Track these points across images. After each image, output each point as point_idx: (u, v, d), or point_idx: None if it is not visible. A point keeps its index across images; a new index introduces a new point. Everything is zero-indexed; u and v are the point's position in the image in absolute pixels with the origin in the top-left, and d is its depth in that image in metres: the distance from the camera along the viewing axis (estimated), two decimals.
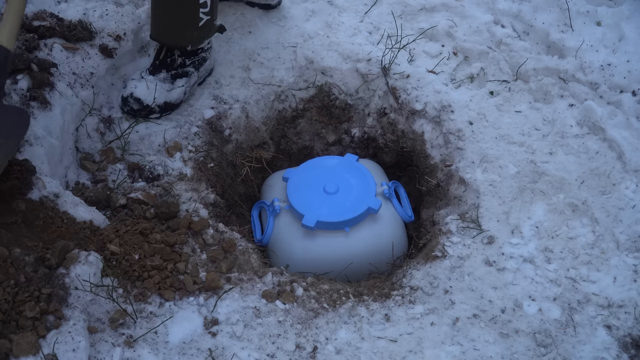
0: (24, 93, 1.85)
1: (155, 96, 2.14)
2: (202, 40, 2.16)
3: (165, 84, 2.16)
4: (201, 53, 2.21)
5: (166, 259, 1.78)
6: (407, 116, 2.35)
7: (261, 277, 1.84)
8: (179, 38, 2.12)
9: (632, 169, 2.06)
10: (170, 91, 2.17)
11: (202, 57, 2.22)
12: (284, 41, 2.50)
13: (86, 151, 2.07)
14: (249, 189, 2.40)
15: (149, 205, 1.92)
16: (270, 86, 2.40)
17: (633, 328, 1.73)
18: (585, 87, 2.28)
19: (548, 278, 1.84)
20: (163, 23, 2.09)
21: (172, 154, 2.13)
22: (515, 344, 1.71)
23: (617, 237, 1.92)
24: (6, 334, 1.43)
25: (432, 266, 1.89)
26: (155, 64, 2.19)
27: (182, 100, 2.23)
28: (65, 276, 1.57)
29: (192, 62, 2.19)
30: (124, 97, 2.16)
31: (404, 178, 2.47)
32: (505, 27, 2.54)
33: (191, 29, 2.09)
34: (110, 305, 1.64)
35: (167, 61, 2.16)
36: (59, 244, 1.61)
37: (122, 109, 2.18)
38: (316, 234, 2.07)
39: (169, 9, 2.05)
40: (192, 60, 2.19)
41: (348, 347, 1.68)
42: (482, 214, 2.00)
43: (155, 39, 2.14)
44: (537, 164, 2.11)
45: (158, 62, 2.18)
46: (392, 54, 2.42)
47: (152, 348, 1.60)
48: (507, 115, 2.26)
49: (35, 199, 1.70)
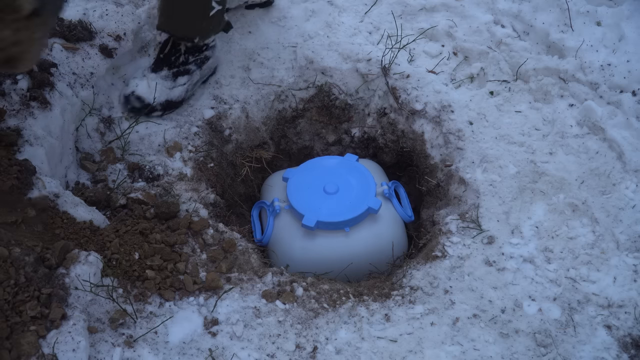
0: (24, 93, 1.85)
1: (156, 95, 2.13)
2: (209, 33, 2.14)
3: (167, 81, 2.15)
4: (205, 51, 2.20)
5: (166, 259, 1.78)
6: (407, 116, 2.35)
7: (261, 277, 1.84)
8: (188, 28, 2.09)
9: (632, 169, 2.06)
10: (172, 89, 2.16)
11: (206, 55, 2.21)
12: (284, 41, 2.50)
13: (86, 151, 2.07)
14: (249, 189, 2.40)
15: (149, 205, 1.92)
16: (270, 86, 2.40)
17: (633, 328, 1.73)
18: (585, 87, 2.28)
19: (548, 278, 1.84)
20: (172, 10, 2.05)
21: (172, 154, 2.13)
22: (515, 344, 1.71)
23: (617, 237, 1.92)
24: (6, 334, 1.43)
25: (432, 266, 1.89)
26: (158, 58, 2.17)
27: (184, 98, 2.22)
28: (65, 276, 1.57)
29: (195, 59, 2.18)
30: (126, 95, 2.15)
31: (404, 178, 2.47)
32: (505, 27, 2.54)
33: (201, 18, 2.05)
34: (110, 305, 1.64)
35: (170, 57, 2.15)
36: (59, 244, 1.61)
37: (124, 107, 2.16)
38: (316, 234, 2.07)
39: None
40: (195, 57, 2.18)
41: (348, 347, 1.68)
42: (482, 214, 2.00)
43: (163, 29, 2.11)
44: (537, 164, 2.11)
45: (162, 55, 2.16)
46: (392, 54, 2.42)
47: (152, 348, 1.60)
48: (507, 115, 2.26)
49: (37, 199, 1.70)
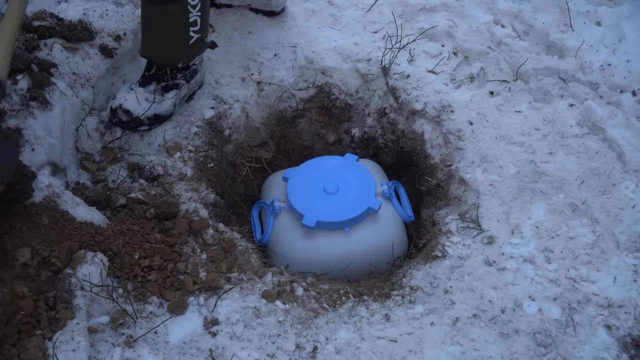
0: (24, 93, 1.85)
1: (144, 108, 2.11)
2: (192, 57, 2.13)
3: (155, 95, 2.13)
4: (192, 66, 2.18)
5: (166, 259, 1.78)
6: (407, 116, 2.35)
7: (261, 277, 1.84)
8: (169, 56, 2.09)
9: (632, 169, 2.06)
10: (160, 103, 2.14)
11: (194, 69, 2.19)
12: (284, 41, 2.50)
13: (86, 151, 2.07)
14: (249, 189, 2.40)
15: (149, 205, 1.92)
16: (270, 86, 2.40)
17: (633, 328, 1.73)
18: (585, 87, 2.28)
19: (548, 278, 1.84)
20: (153, 41, 2.06)
21: (172, 154, 2.13)
22: (515, 344, 1.71)
23: (617, 237, 1.92)
24: (12, 338, 1.43)
25: (432, 266, 1.89)
26: (145, 76, 2.16)
27: (172, 112, 2.20)
28: (72, 276, 1.57)
29: (183, 75, 2.16)
30: (113, 108, 2.11)
31: (404, 178, 2.47)
32: (505, 27, 2.54)
33: (181, 47, 2.06)
34: (110, 305, 1.64)
35: (157, 74, 2.14)
36: (65, 245, 1.61)
37: (110, 121, 2.13)
38: (316, 233, 2.07)
39: (159, 28, 2.02)
40: (183, 73, 2.17)
41: (348, 347, 1.68)
42: (482, 214, 2.00)
43: (145, 56, 2.11)
44: (537, 164, 2.11)
45: (148, 74, 2.15)
46: (392, 54, 2.42)
47: (152, 348, 1.61)
48: (507, 115, 2.26)
49: (38, 200, 1.70)
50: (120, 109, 2.10)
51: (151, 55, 2.11)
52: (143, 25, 2.05)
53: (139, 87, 2.13)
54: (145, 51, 2.10)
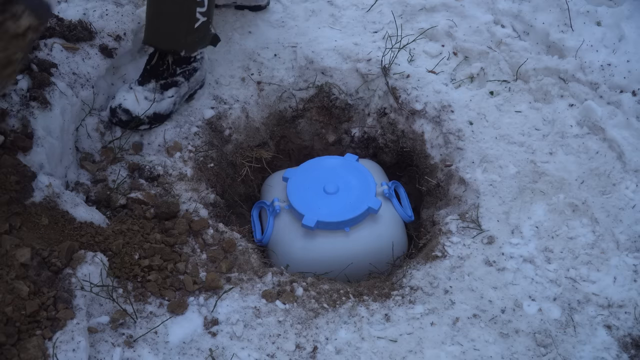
0: (24, 93, 1.85)
1: (144, 107, 2.11)
2: (195, 46, 2.13)
3: (155, 94, 2.13)
4: (193, 62, 2.18)
5: (166, 259, 1.78)
6: (407, 116, 2.35)
7: (261, 277, 1.84)
8: (173, 41, 2.08)
9: (632, 169, 2.06)
10: (160, 102, 2.14)
11: (193, 67, 2.19)
12: (284, 41, 2.50)
13: (86, 151, 2.07)
14: (249, 189, 2.40)
15: (149, 205, 1.92)
16: (270, 86, 2.40)
17: (633, 328, 1.73)
18: (585, 87, 2.28)
19: (548, 278, 1.84)
20: (157, 23, 2.05)
21: (172, 154, 2.13)
22: (515, 344, 1.71)
23: (617, 237, 1.92)
24: (12, 338, 1.43)
25: (432, 266, 1.89)
26: (145, 70, 2.15)
27: (172, 111, 2.20)
28: (72, 276, 1.58)
29: (182, 71, 2.15)
30: (112, 108, 2.11)
31: (404, 178, 2.47)
32: (505, 27, 2.54)
33: (186, 30, 2.05)
34: (110, 305, 1.64)
35: (157, 69, 2.13)
36: (65, 245, 1.61)
37: (110, 120, 2.13)
38: (316, 233, 2.07)
39: (164, 8, 2.01)
40: (183, 69, 2.16)
41: (348, 347, 1.68)
42: (482, 214, 2.00)
43: (148, 43, 2.11)
44: (537, 164, 2.11)
45: (149, 67, 2.14)
46: (392, 54, 2.42)
47: (152, 348, 1.61)
48: (507, 115, 2.26)
49: (38, 200, 1.70)
50: (120, 108, 2.10)
51: (154, 42, 2.10)
52: (148, 7, 2.04)
53: (138, 86, 2.13)
54: (148, 38, 2.09)
